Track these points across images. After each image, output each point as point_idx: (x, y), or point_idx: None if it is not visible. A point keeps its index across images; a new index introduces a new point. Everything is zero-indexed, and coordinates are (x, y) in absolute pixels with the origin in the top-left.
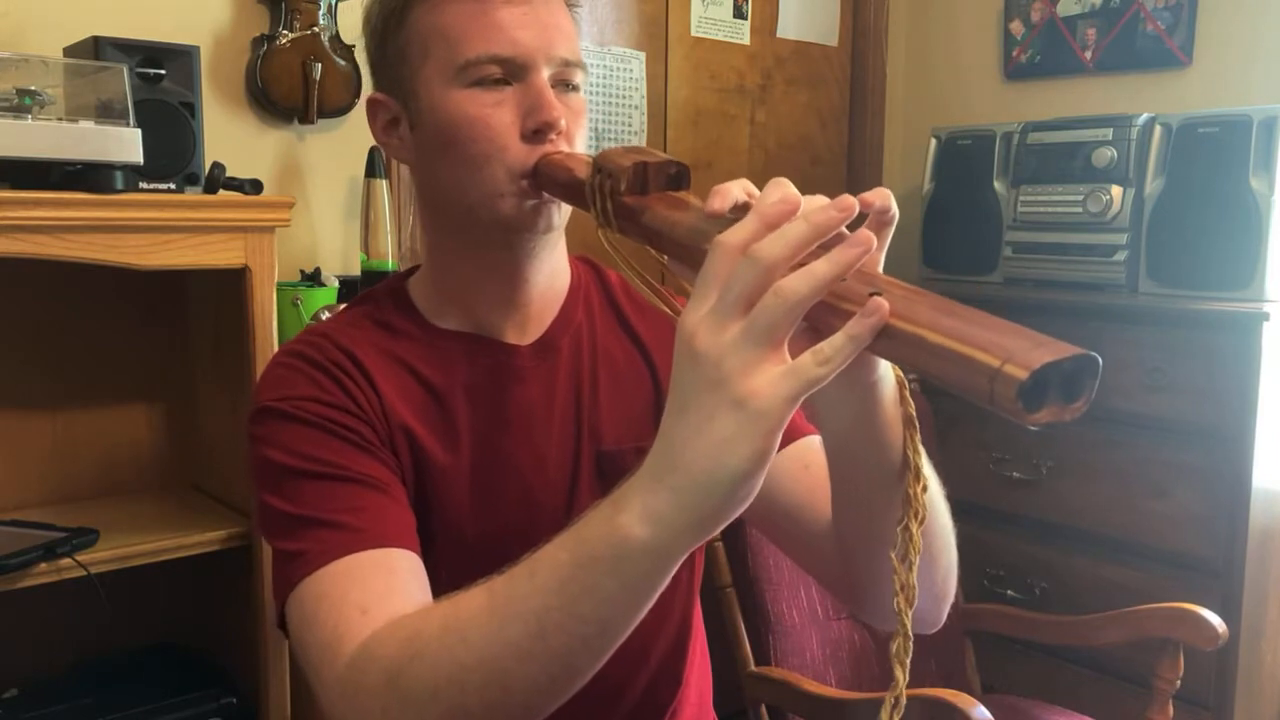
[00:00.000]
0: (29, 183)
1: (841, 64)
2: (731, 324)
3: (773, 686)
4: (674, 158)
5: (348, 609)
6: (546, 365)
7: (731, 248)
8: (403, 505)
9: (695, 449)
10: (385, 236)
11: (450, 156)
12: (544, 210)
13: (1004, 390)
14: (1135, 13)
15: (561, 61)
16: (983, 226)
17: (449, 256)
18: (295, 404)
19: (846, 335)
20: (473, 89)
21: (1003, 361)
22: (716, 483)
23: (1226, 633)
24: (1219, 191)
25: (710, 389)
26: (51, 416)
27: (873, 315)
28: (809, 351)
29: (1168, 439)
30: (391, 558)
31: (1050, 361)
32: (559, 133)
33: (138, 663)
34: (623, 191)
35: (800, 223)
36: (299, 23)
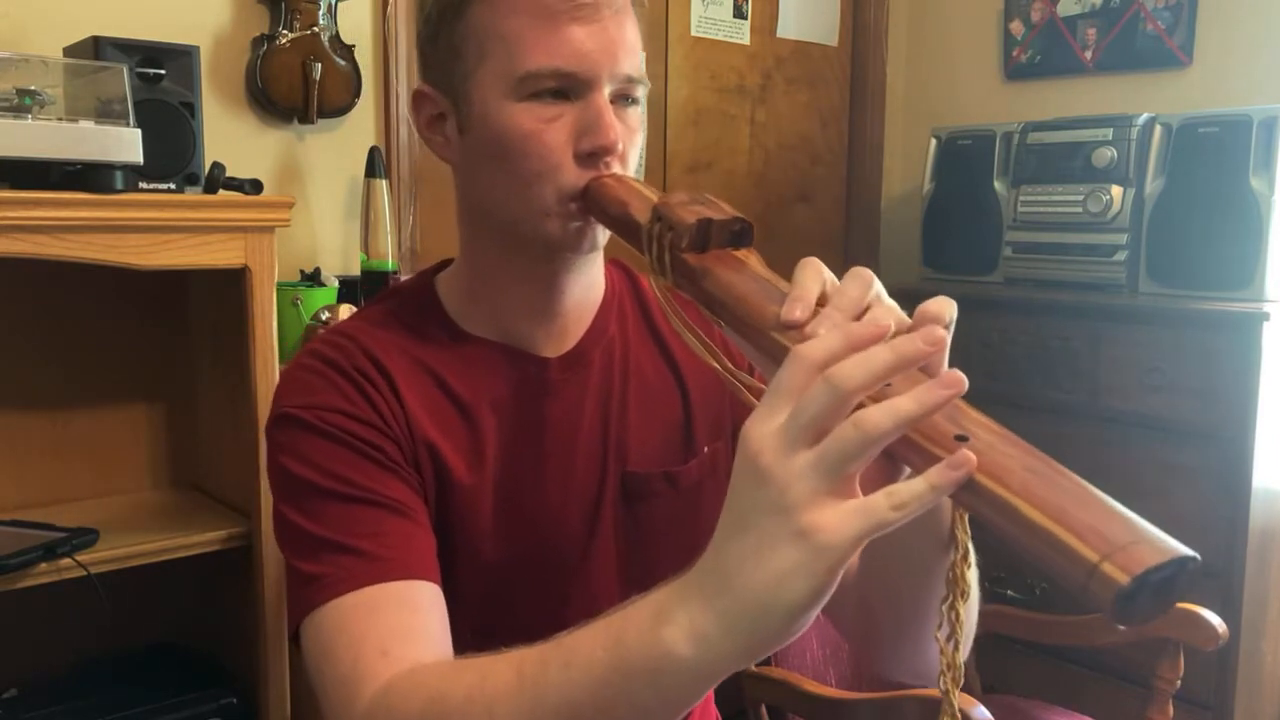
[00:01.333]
0: (29, 183)
1: (841, 64)
2: (802, 448)
3: (773, 686)
4: (738, 213)
5: (367, 649)
6: (576, 379)
7: (811, 364)
8: (425, 530)
9: (751, 576)
10: (385, 236)
11: (499, 168)
12: (589, 232)
13: (1101, 590)
14: (1135, 13)
15: (625, 78)
16: (983, 226)
17: (484, 262)
18: (320, 414)
19: (928, 484)
20: (529, 102)
21: (1102, 558)
22: (770, 614)
23: (1226, 633)
24: (1219, 191)
25: (773, 514)
26: (51, 416)
27: (959, 469)
28: (883, 492)
29: (1167, 439)
30: (413, 592)
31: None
32: (615, 155)
33: (138, 663)
34: (683, 248)
35: (886, 351)
36: (299, 23)
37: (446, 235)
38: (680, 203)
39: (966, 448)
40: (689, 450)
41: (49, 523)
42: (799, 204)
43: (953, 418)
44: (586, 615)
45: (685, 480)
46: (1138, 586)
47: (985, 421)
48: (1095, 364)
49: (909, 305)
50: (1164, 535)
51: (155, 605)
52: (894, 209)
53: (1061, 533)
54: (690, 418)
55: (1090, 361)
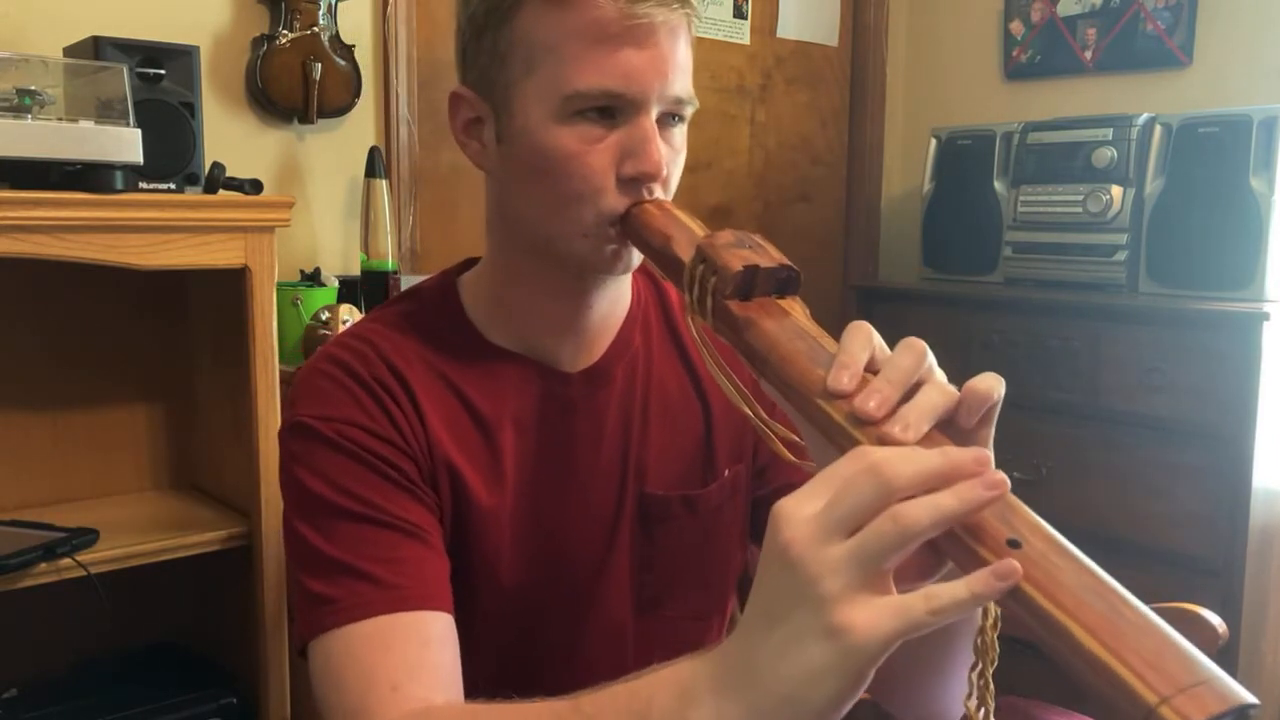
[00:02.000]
0: (29, 183)
1: (841, 64)
2: (836, 539)
3: None
4: (784, 259)
5: (377, 682)
6: (598, 396)
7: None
8: (439, 555)
9: (779, 673)
10: (385, 236)
11: (538, 185)
12: (624, 255)
13: None
14: (1135, 13)
15: (674, 100)
16: (983, 226)
17: (512, 272)
18: (337, 428)
19: (970, 591)
20: (575, 121)
21: (1161, 701)
22: (799, 711)
23: (1226, 633)
24: (1219, 191)
25: (802, 606)
26: (51, 416)
27: (1005, 580)
28: (922, 594)
29: (1167, 439)
30: (426, 624)
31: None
32: (659, 181)
33: (138, 663)
34: (727, 295)
35: (938, 456)
36: (299, 23)
37: (446, 235)
38: (726, 244)
39: (1017, 554)
40: (709, 473)
41: (49, 523)
42: (799, 204)
43: (1004, 517)
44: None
45: (704, 505)
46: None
47: (1038, 525)
48: (1095, 364)
49: (910, 304)
50: (1224, 676)
51: (155, 605)
52: (894, 209)
53: (1119, 667)
54: (712, 438)
55: (1090, 361)
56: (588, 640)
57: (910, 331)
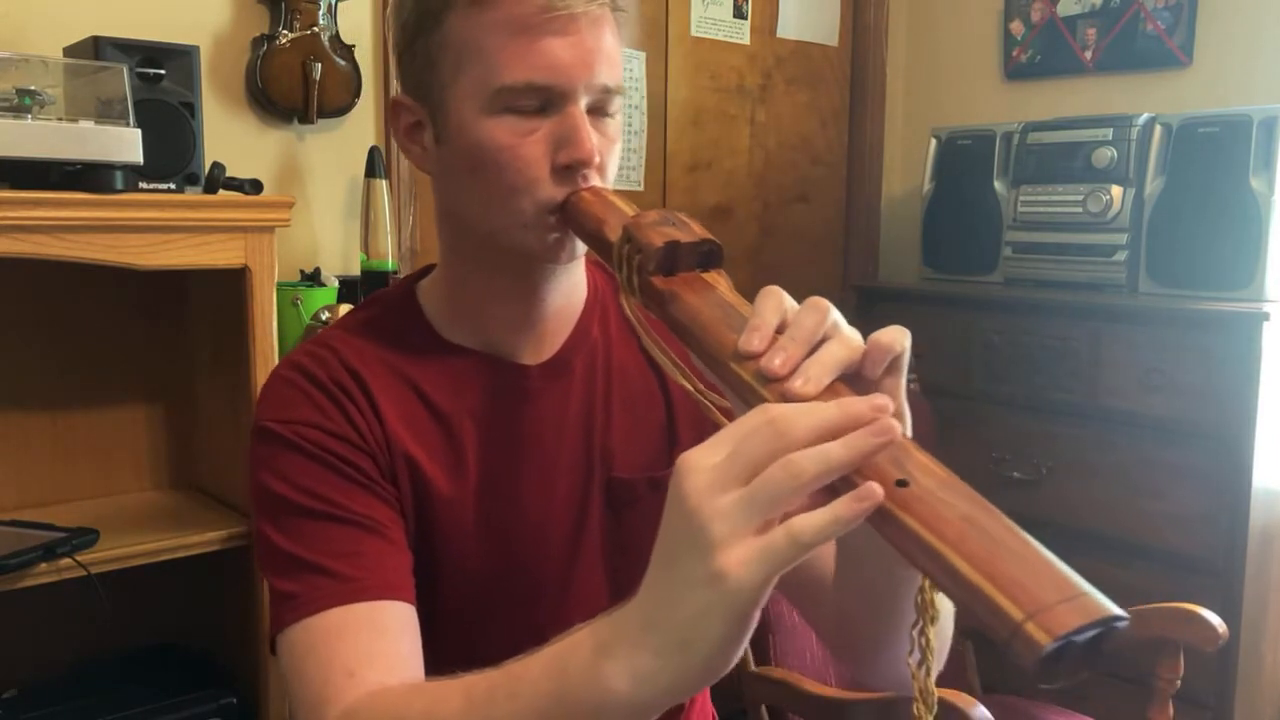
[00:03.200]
0: (29, 183)
1: (841, 64)
2: (732, 489)
3: (773, 686)
4: (707, 234)
5: (334, 671)
6: (559, 386)
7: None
8: (399, 548)
9: (674, 616)
10: (385, 236)
11: (477, 181)
12: (567, 244)
13: (1024, 651)
14: (1135, 13)
15: (601, 89)
16: (983, 226)
17: (464, 271)
18: (296, 429)
19: (832, 515)
20: (506, 116)
21: (1026, 617)
22: (692, 653)
23: (1226, 633)
24: (1219, 191)
25: (692, 552)
26: (51, 416)
27: (864, 502)
28: (783, 528)
29: (1167, 439)
30: (383, 613)
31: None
32: (593, 168)
33: (138, 663)
34: (650, 271)
35: (834, 409)
36: (299, 23)
37: None
38: (650, 223)
39: (906, 493)
40: (673, 454)
41: (49, 523)
42: (799, 204)
43: (898, 461)
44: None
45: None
46: (1061, 648)
47: (933, 468)
48: (1095, 364)
49: (910, 304)
50: (1095, 594)
51: (155, 605)
52: (894, 209)
53: (987, 587)
54: (673, 420)
55: (1090, 361)
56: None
57: (911, 331)
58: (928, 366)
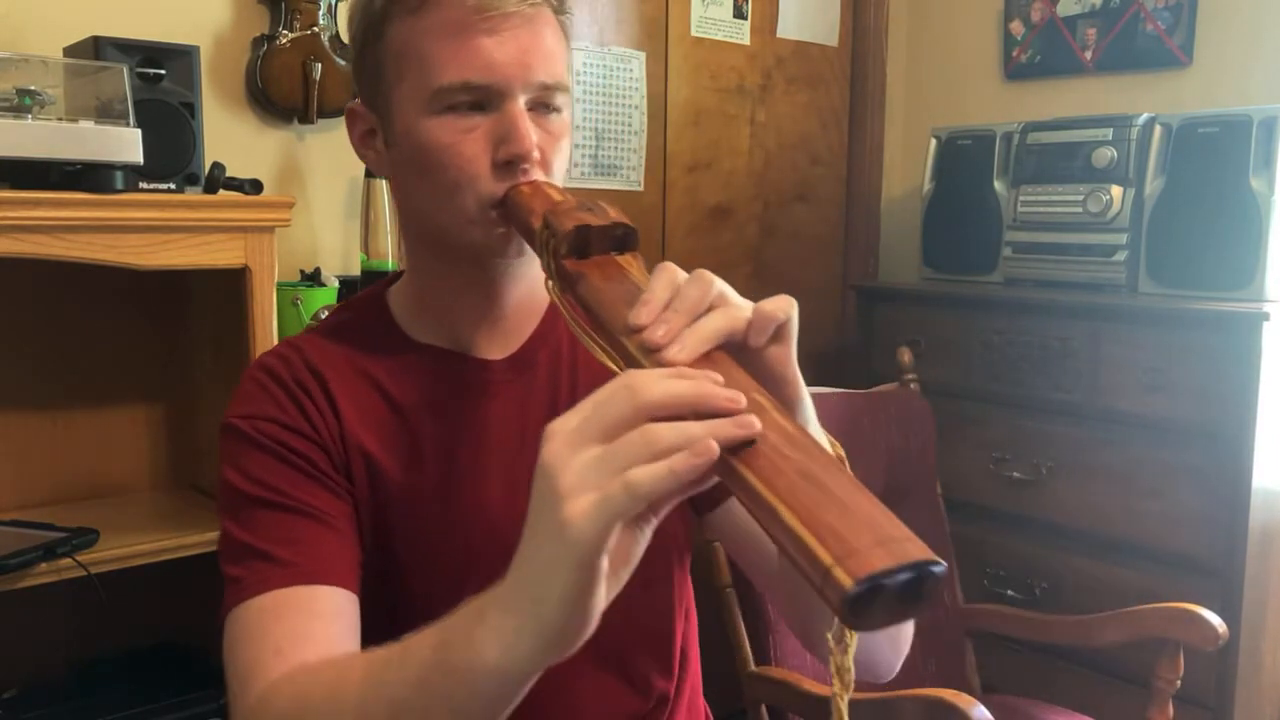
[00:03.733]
0: (29, 183)
1: (841, 64)
2: (590, 446)
3: (773, 686)
4: (622, 218)
5: (264, 650)
6: (521, 381)
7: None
8: (345, 538)
9: (528, 572)
10: (385, 236)
11: (423, 180)
12: (513, 238)
13: (831, 594)
14: (1135, 13)
15: (540, 86)
16: (983, 226)
17: (425, 270)
18: (254, 424)
19: (668, 467)
20: (445, 115)
21: (835, 561)
22: (548, 608)
23: (1226, 633)
24: (1219, 191)
25: (544, 507)
26: (51, 416)
27: (699, 457)
28: (620, 479)
29: (1167, 439)
30: (318, 597)
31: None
32: (532, 163)
33: (138, 663)
34: (563, 254)
35: (689, 384)
36: (299, 23)
37: None
38: (567, 210)
39: (749, 450)
40: None
41: (49, 523)
42: (799, 204)
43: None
44: None
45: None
46: (867, 591)
47: (786, 427)
48: (1095, 364)
49: (910, 304)
50: (911, 540)
51: (155, 605)
52: (894, 209)
53: (805, 534)
54: None
55: (1090, 361)
56: None
57: (911, 332)
58: (928, 366)
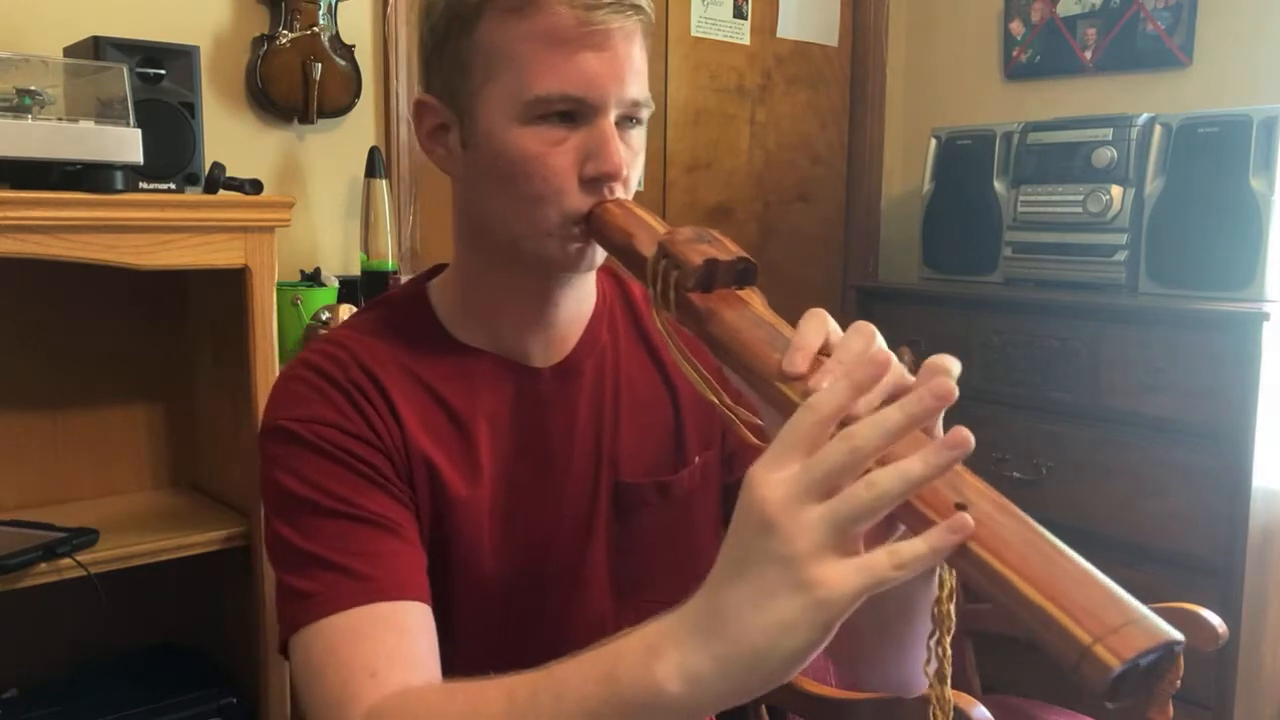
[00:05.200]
0: (29, 183)
1: (841, 64)
2: (813, 503)
3: None
4: (742, 252)
5: (356, 671)
6: (569, 390)
7: (821, 416)
8: (415, 548)
9: (749, 624)
10: (385, 236)
11: (503, 188)
12: (588, 253)
13: (1093, 673)
14: (1135, 13)
15: (631, 103)
16: (983, 226)
17: (480, 275)
18: (312, 428)
19: (929, 546)
20: (537, 125)
21: (1094, 640)
22: (765, 662)
23: (1226, 633)
24: (1219, 191)
25: (776, 564)
26: (51, 416)
27: (957, 534)
28: (885, 550)
29: (1168, 439)
30: (402, 613)
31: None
32: (620, 181)
33: (138, 663)
34: (689, 288)
35: (898, 413)
36: (299, 23)
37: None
38: (686, 240)
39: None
40: (680, 460)
41: (49, 523)
42: (799, 204)
43: (954, 485)
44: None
45: (677, 490)
46: (1128, 669)
47: (985, 490)
48: (1095, 364)
49: (910, 304)
50: (1154, 617)
51: (155, 605)
52: (894, 209)
53: (1056, 612)
54: (681, 426)
55: (1090, 361)
56: (570, 628)
57: (911, 332)
58: None
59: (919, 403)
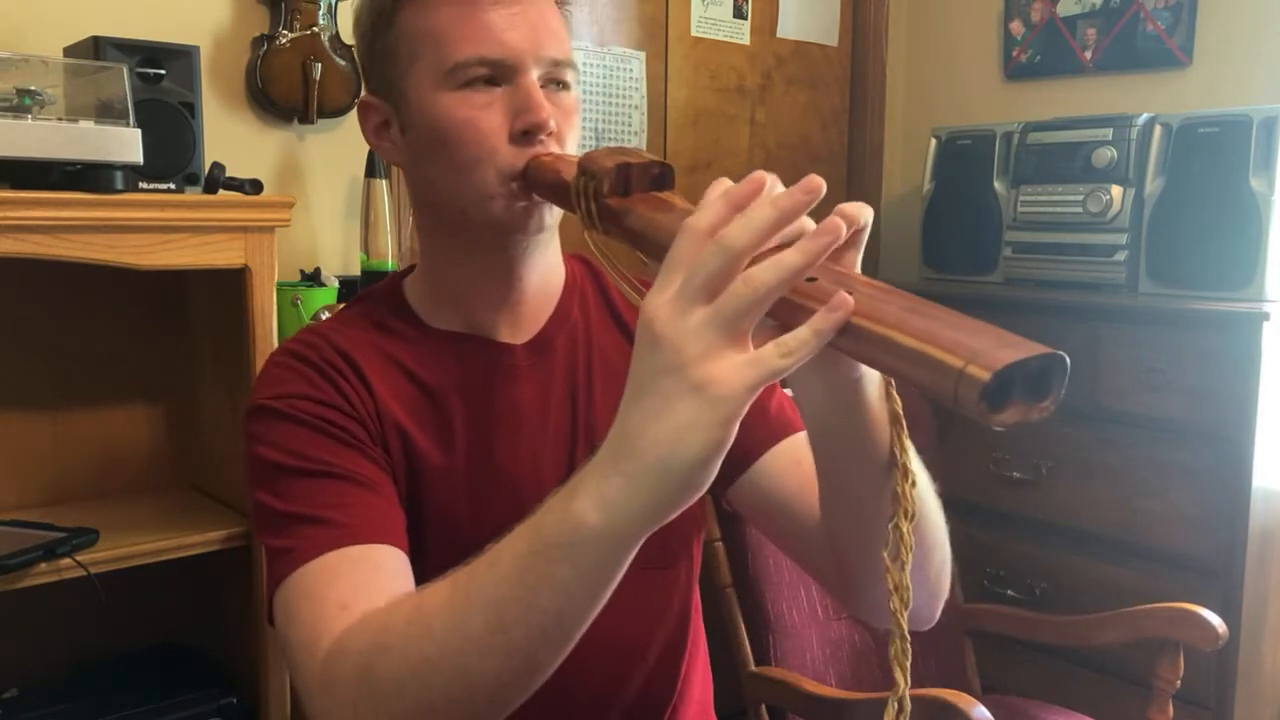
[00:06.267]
0: (29, 183)
1: (841, 64)
2: (696, 309)
3: (773, 686)
4: (657, 158)
5: (328, 606)
6: (542, 364)
7: (698, 231)
8: (391, 503)
9: (651, 435)
10: (385, 236)
11: (441, 159)
12: (535, 211)
13: (967, 392)
14: (1135, 13)
15: (551, 61)
16: (983, 226)
17: (443, 257)
18: (288, 402)
19: (811, 329)
20: (462, 91)
21: (966, 362)
22: (671, 470)
23: (1226, 633)
24: (1219, 191)
25: (669, 374)
26: (51, 416)
27: (837, 311)
28: (772, 343)
29: (1167, 439)
30: (376, 554)
31: (1014, 362)
32: (549, 134)
33: (138, 663)
34: (606, 193)
35: (766, 207)
36: (299, 23)
37: None
38: (601, 154)
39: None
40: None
41: (49, 523)
42: None
43: (839, 281)
44: None
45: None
46: (1000, 383)
47: (872, 282)
48: (1095, 364)
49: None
50: (1031, 342)
51: (155, 605)
52: (894, 209)
53: (930, 349)
54: None
55: (1090, 361)
56: None
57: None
58: None
59: (788, 198)
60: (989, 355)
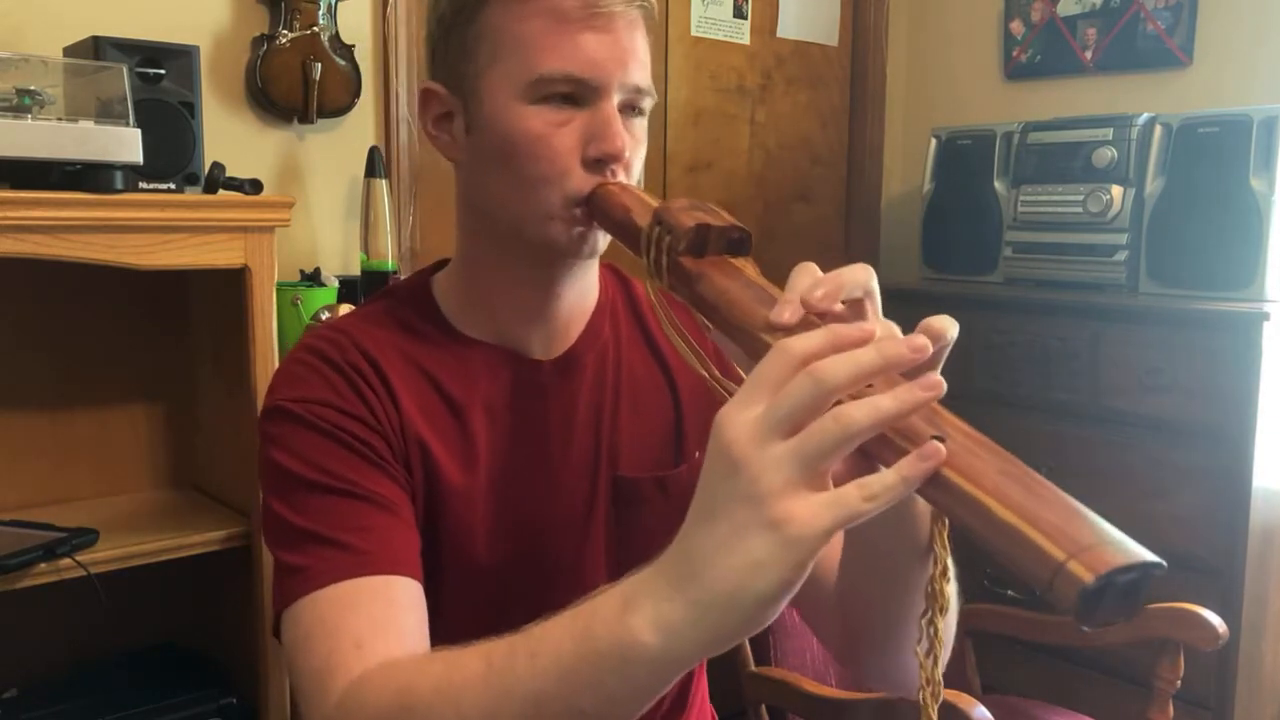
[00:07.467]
0: (29, 183)
1: (841, 64)
2: (778, 439)
3: (773, 686)
4: (737, 222)
5: (342, 640)
6: (569, 382)
7: (792, 356)
8: (409, 526)
9: (720, 566)
10: (385, 236)
11: (507, 170)
12: (590, 237)
13: (1065, 588)
14: (1135, 13)
15: (634, 88)
16: (983, 226)
17: (481, 264)
18: (310, 408)
19: (899, 475)
20: (540, 105)
21: (1069, 556)
22: (737, 604)
23: (1226, 633)
24: (1219, 191)
25: (744, 502)
26: (51, 416)
27: (928, 460)
28: (855, 484)
29: (1168, 439)
30: (392, 587)
31: (1120, 566)
32: (621, 164)
33: (138, 663)
34: (680, 251)
35: (872, 352)
36: (299, 22)
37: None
38: (680, 208)
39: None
40: (680, 455)
41: (49, 523)
42: (799, 204)
43: (931, 420)
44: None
45: (675, 486)
46: (1102, 586)
47: (963, 426)
48: (1095, 364)
49: (909, 304)
50: (1130, 541)
51: (155, 605)
52: (894, 209)
53: (1030, 532)
54: (681, 422)
55: (1090, 361)
56: None
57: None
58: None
59: (893, 345)
60: (1094, 553)
